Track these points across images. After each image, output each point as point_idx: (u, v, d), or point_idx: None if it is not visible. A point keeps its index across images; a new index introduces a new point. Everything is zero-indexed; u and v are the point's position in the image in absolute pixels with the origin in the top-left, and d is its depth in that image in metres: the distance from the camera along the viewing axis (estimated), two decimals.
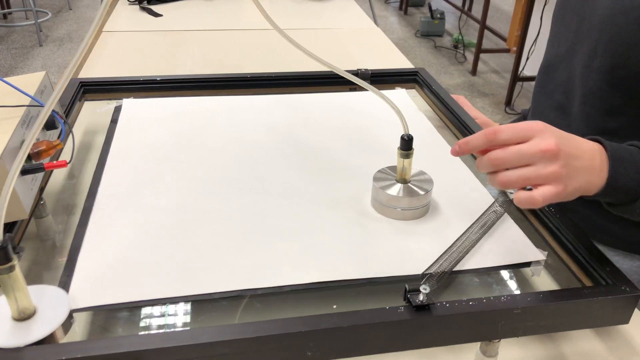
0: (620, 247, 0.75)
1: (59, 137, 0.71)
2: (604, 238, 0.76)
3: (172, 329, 0.53)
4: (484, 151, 0.53)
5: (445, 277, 0.56)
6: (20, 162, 0.43)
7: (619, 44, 0.67)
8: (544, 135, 0.51)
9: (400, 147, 0.65)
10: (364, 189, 0.70)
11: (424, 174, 0.69)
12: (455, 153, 0.56)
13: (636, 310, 0.58)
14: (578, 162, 0.53)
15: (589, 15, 0.71)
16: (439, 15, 4.41)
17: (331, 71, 1.06)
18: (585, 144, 0.55)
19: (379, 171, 0.69)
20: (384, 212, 0.66)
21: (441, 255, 0.58)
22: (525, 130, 0.52)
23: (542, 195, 0.50)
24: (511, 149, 0.51)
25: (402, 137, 0.64)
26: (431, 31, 4.44)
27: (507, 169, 0.52)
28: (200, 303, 0.55)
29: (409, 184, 0.66)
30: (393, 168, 0.69)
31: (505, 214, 0.66)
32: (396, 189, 0.65)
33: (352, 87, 1.04)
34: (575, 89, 0.74)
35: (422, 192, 0.65)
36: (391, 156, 0.78)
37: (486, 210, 0.66)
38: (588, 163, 0.54)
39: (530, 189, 0.52)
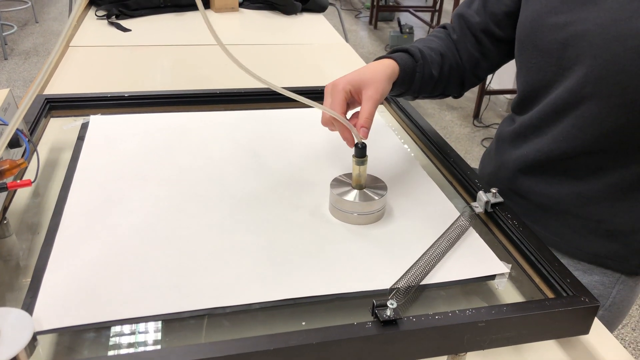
0: (585, 260, 0.77)
1: (23, 156, 0.70)
2: (570, 250, 0.78)
3: (139, 349, 0.52)
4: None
5: (412, 291, 0.56)
6: None
7: (617, 72, 0.65)
8: None
9: (354, 155, 0.68)
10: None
11: (378, 180, 0.72)
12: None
13: (596, 320, 0.60)
14: None
15: (574, 41, 0.68)
16: (408, 30, 4.48)
17: (301, 87, 1.07)
18: None
19: (335, 178, 0.72)
20: (341, 217, 0.68)
21: (408, 269, 0.59)
22: None
23: None
24: None
25: (356, 145, 0.68)
26: (400, 45, 4.51)
27: None
28: (168, 322, 0.55)
29: (365, 190, 0.69)
30: (349, 175, 0.72)
31: (471, 227, 0.68)
32: (352, 195, 0.68)
33: (321, 102, 1.05)
34: (560, 112, 0.73)
35: (376, 197, 0.68)
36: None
37: (452, 225, 0.67)
38: None
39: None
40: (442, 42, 0.86)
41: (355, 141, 0.68)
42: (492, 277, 0.61)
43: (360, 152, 0.68)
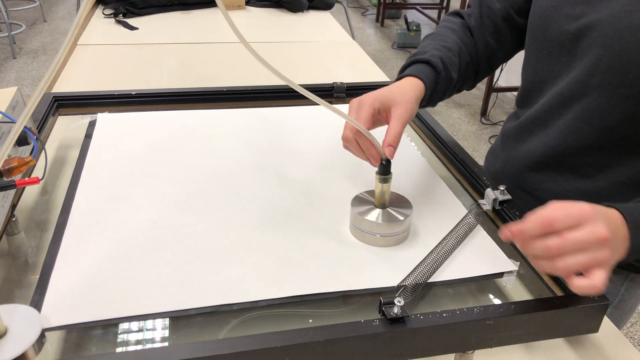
0: None
1: (31, 154, 0.70)
2: None
3: (146, 347, 0.52)
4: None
5: (420, 288, 0.56)
6: None
7: (626, 62, 0.65)
8: (595, 223, 0.52)
9: (378, 172, 0.63)
10: (339, 202, 0.71)
11: (402, 198, 0.68)
12: (506, 239, 0.54)
13: (606, 319, 0.60)
14: (615, 242, 0.54)
15: (587, 31, 0.69)
16: (415, 27, 4.47)
17: (308, 85, 1.06)
18: (615, 218, 0.56)
19: (357, 196, 0.67)
20: (363, 238, 0.64)
21: (415, 267, 0.59)
22: (579, 218, 0.52)
23: (602, 281, 0.51)
24: (569, 239, 0.51)
25: (381, 162, 0.63)
26: (407, 43, 4.50)
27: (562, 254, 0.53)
28: (176, 319, 0.55)
29: (388, 209, 0.65)
30: (371, 192, 0.67)
31: (478, 225, 0.67)
32: (375, 215, 0.64)
33: (329, 100, 1.05)
34: (566, 104, 0.73)
35: (401, 218, 0.63)
36: (367, 169, 0.79)
37: (459, 222, 0.67)
38: (620, 237, 0.55)
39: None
40: (457, 35, 0.83)
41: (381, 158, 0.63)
42: (500, 274, 0.60)
43: (385, 169, 0.63)
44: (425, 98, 0.74)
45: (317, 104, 0.61)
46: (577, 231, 0.51)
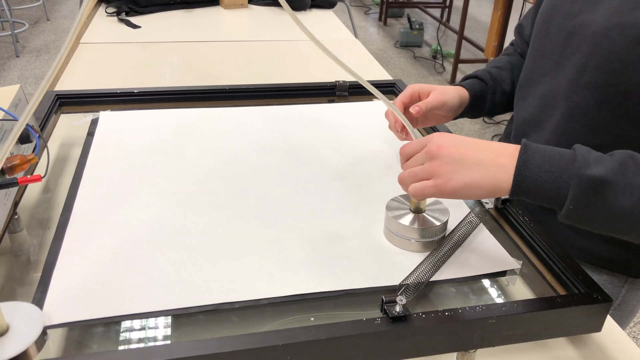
0: (588, 262, 0.76)
1: (33, 151, 0.70)
2: (573, 252, 0.77)
3: (148, 344, 0.52)
4: None
5: (422, 287, 0.56)
6: None
7: (613, 60, 0.65)
8: (432, 140, 0.58)
9: None
10: (340, 200, 0.71)
11: (438, 202, 0.66)
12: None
13: (608, 318, 0.59)
14: (468, 158, 0.55)
15: (579, 30, 0.70)
16: (417, 26, 4.46)
17: (310, 83, 1.07)
18: (488, 144, 0.57)
19: (392, 199, 0.66)
20: (397, 243, 0.63)
21: (418, 266, 0.59)
22: (423, 140, 0.59)
23: (418, 187, 0.57)
24: (404, 156, 0.61)
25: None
26: (410, 42, 4.49)
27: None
28: (177, 317, 0.55)
29: (424, 214, 0.64)
30: (407, 196, 0.66)
31: (481, 224, 0.67)
32: (409, 219, 0.63)
33: (331, 98, 1.05)
34: (556, 103, 0.74)
35: (437, 223, 0.62)
36: (369, 167, 0.79)
37: (462, 221, 0.67)
38: (489, 160, 0.55)
39: None
40: (510, 57, 0.93)
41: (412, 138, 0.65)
42: (503, 273, 0.60)
43: None
44: (470, 104, 0.85)
45: (318, 103, 0.62)
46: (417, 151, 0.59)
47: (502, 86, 0.88)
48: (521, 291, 0.62)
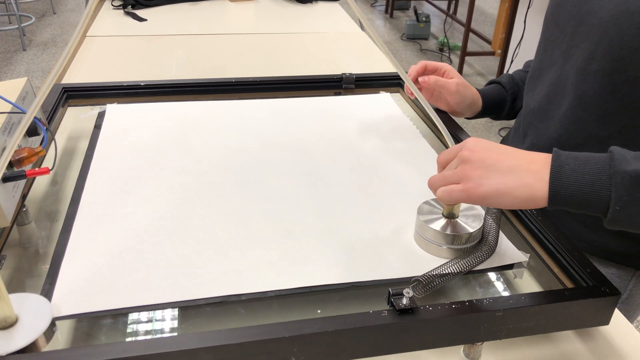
0: (596, 255, 0.76)
1: (41, 144, 0.70)
2: (581, 245, 0.77)
3: (155, 336, 0.53)
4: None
5: (435, 288, 0.55)
6: (1, 170, 0.43)
7: (620, 47, 0.65)
8: (465, 144, 0.56)
9: None
10: (347, 194, 0.70)
11: (472, 208, 0.64)
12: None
13: (616, 311, 0.59)
14: (500, 164, 0.54)
15: (588, 17, 0.69)
16: (424, 19, 4.44)
17: (316, 76, 1.06)
18: (522, 152, 0.55)
19: (424, 203, 0.64)
20: (428, 248, 0.61)
21: (437, 267, 0.57)
22: (458, 146, 0.58)
23: (446, 190, 0.55)
24: (440, 164, 0.60)
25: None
26: (417, 34, 4.47)
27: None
28: (185, 309, 0.55)
29: (457, 220, 0.62)
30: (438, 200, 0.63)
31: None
32: (441, 224, 0.61)
33: (338, 91, 1.04)
34: (565, 92, 0.73)
35: (471, 230, 0.60)
36: (376, 160, 0.79)
37: (484, 223, 0.65)
38: (523, 167, 0.53)
39: None
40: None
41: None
42: (510, 266, 0.60)
43: None
44: (485, 106, 0.90)
45: (326, 96, 0.61)
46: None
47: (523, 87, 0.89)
48: (529, 284, 0.62)
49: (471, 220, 0.61)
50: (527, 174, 0.53)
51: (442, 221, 0.61)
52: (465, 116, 0.92)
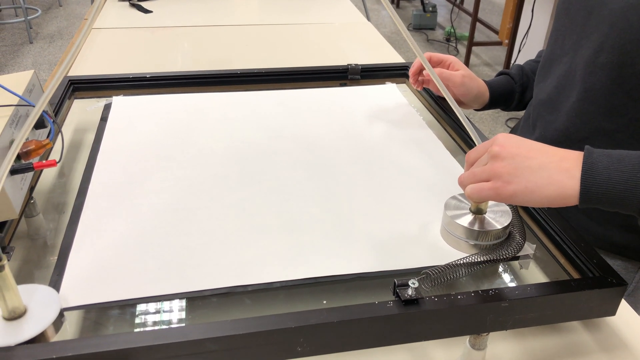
0: (602, 248, 0.76)
1: (48, 136, 0.71)
2: (588, 238, 0.77)
3: (162, 326, 0.53)
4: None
5: (443, 282, 0.55)
6: (9, 162, 0.43)
7: (629, 40, 0.64)
8: (496, 140, 0.55)
9: None
10: (353, 185, 0.70)
11: (500, 204, 0.63)
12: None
13: (623, 302, 0.59)
14: (530, 161, 0.52)
15: (599, 9, 0.68)
16: (431, 9, 4.40)
17: (322, 66, 1.06)
18: (552, 148, 0.54)
19: (452, 197, 0.64)
20: (454, 243, 0.61)
21: (448, 264, 0.56)
22: (487, 143, 0.57)
23: (475, 188, 0.54)
24: (469, 162, 0.59)
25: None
26: (423, 24, 4.44)
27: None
28: (191, 300, 0.56)
29: (485, 216, 0.61)
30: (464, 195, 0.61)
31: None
32: (468, 220, 0.60)
33: (343, 82, 1.04)
34: (573, 84, 0.73)
35: (499, 226, 0.59)
36: (382, 151, 0.79)
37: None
38: (553, 164, 0.52)
39: None
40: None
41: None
42: (516, 257, 0.60)
43: None
44: (492, 98, 0.90)
45: (331, 87, 0.61)
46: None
47: (534, 78, 0.88)
48: (535, 275, 0.62)
49: (499, 216, 0.61)
50: (557, 171, 0.51)
51: (470, 217, 0.60)
52: (473, 108, 0.92)
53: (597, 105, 0.69)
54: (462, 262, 0.56)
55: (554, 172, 0.51)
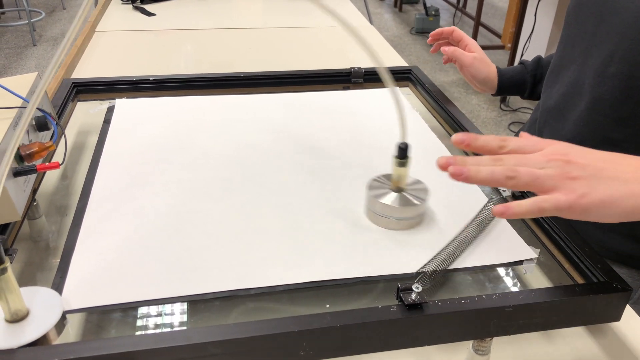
0: (606, 256, 0.75)
1: (51, 139, 0.71)
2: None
3: (165, 330, 0.53)
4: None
5: (439, 276, 0.56)
6: (7, 163, 0.43)
7: (639, 52, 0.64)
8: (555, 146, 0.48)
9: (395, 155, 0.63)
10: (357, 189, 0.70)
11: (419, 182, 0.67)
12: (458, 142, 0.50)
13: (628, 307, 0.59)
14: (604, 172, 0.47)
15: (609, 17, 0.67)
16: (433, 12, 4.41)
17: (325, 70, 1.06)
18: (623, 157, 0.49)
19: (373, 179, 0.67)
20: (378, 221, 0.64)
21: (436, 254, 0.58)
22: (539, 141, 0.49)
23: (550, 200, 0.45)
24: (520, 154, 0.48)
25: (398, 145, 0.62)
26: (426, 28, 4.44)
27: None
28: (194, 303, 0.56)
29: (404, 193, 0.64)
30: (388, 176, 0.67)
31: None
32: (391, 198, 0.63)
33: (346, 85, 1.04)
34: (581, 93, 0.72)
35: (417, 202, 0.63)
36: (385, 155, 0.79)
37: (480, 210, 0.66)
38: (629, 175, 0.47)
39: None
40: None
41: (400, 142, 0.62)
42: (520, 262, 0.60)
43: (402, 152, 0.62)
44: (501, 84, 0.93)
45: (335, 90, 0.61)
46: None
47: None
48: (538, 280, 0.62)
49: (418, 193, 0.65)
50: (634, 182, 0.47)
51: (391, 195, 0.64)
52: (487, 92, 0.96)
53: (605, 115, 0.69)
54: (451, 253, 0.57)
55: (631, 182, 0.47)
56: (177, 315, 0.55)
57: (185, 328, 0.53)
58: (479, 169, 0.47)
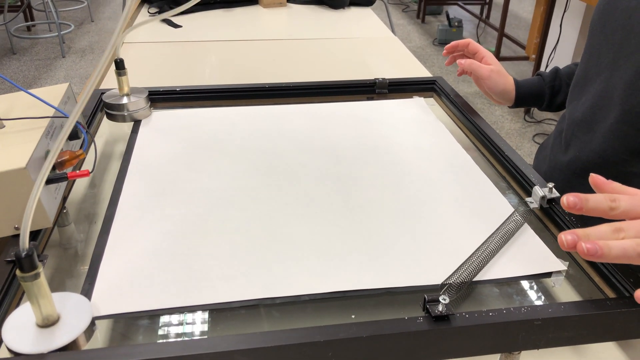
0: (637, 270, 0.74)
1: (81, 147, 0.72)
2: None
3: (191, 338, 0.53)
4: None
5: (465, 287, 0.55)
6: (45, 172, 0.44)
7: None
8: None
9: None
10: (381, 199, 0.70)
11: None
12: (571, 206, 0.50)
13: None
14: None
15: (638, 27, 0.67)
16: (456, 24, 4.40)
17: (349, 81, 1.06)
18: None
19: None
20: None
21: (461, 265, 0.58)
22: None
23: None
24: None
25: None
26: (449, 39, 4.43)
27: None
28: (219, 312, 0.56)
29: None
30: None
31: (526, 223, 0.66)
32: None
33: (370, 96, 1.04)
34: (610, 105, 0.71)
35: None
36: (408, 164, 0.78)
37: (506, 220, 0.65)
38: None
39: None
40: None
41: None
42: (549, 274, 0.59)
43: None
44: (519, 96, 0.92)
45: (360, 100, 0.61)
46: None
47: (568, 80, 0.88)
48: (567, 293, 0.61)
49: None
50: None
51: None
52: (504, 104, 0.95)
53: (636, 127, 0.68)
54: (477, 264, 0.56)
55: None
56: (203, 323, 0.55)
57: (210, 336, 0.54)
58: (610, 246, 0.47)
